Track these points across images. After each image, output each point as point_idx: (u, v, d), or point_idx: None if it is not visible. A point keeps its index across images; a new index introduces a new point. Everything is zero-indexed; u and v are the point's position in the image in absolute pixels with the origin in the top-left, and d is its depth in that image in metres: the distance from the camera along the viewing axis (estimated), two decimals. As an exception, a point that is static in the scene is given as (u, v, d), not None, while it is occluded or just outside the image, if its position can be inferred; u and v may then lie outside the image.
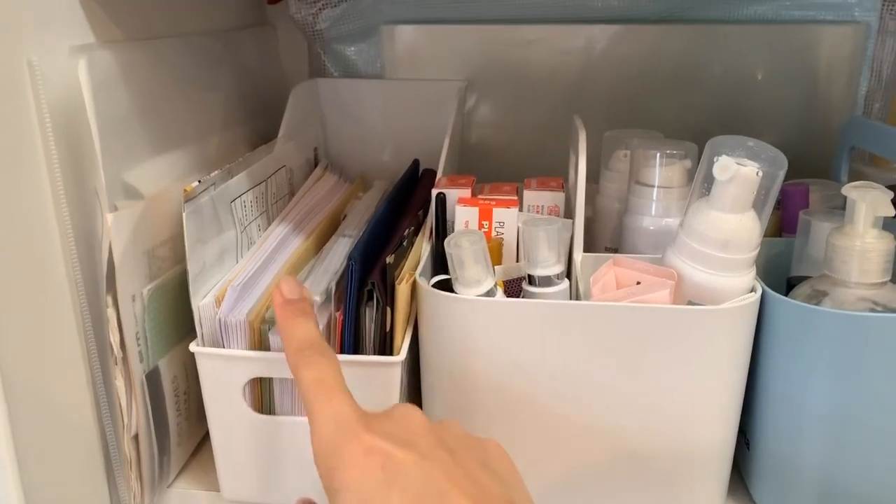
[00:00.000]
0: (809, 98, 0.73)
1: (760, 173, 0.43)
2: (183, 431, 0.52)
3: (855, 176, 0.64)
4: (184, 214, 0.44)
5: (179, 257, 0.50)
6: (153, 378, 0.48)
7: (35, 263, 0.42)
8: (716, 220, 0.44)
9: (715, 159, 0.43)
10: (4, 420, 0.40)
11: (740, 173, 0.43)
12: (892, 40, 0.71)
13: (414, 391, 0.52)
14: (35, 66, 0.40)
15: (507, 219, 0.52)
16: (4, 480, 0.40)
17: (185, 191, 0.45)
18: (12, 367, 0.40)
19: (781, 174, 0.43)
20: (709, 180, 0.44)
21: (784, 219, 0.57)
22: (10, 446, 0.40)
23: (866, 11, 0.71)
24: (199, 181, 0.46)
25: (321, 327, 0.46)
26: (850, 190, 0.44)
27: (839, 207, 0.58)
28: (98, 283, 0.45)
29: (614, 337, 0.44)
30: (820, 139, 0.72)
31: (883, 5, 0.70)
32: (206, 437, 0.56)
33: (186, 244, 0.45)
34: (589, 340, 0.44)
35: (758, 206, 0.44)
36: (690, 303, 0.45)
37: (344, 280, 0.46)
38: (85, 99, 0.42)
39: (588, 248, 0.51)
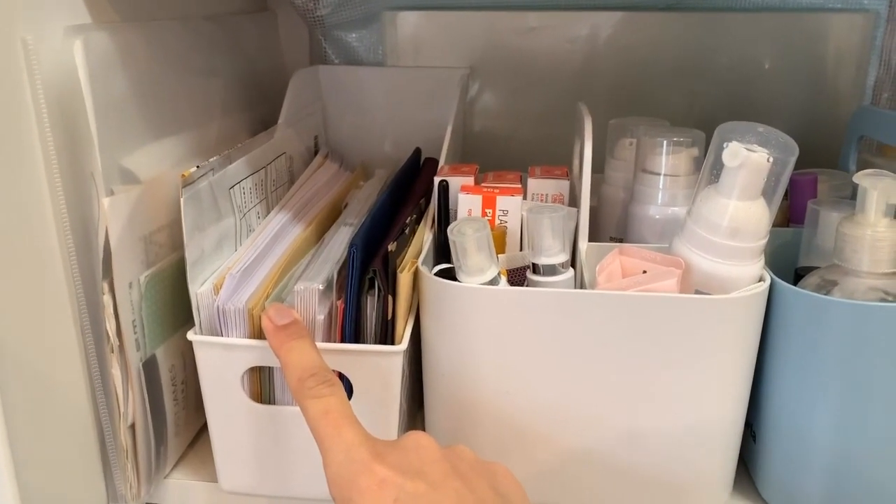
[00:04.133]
0: (817, 87, 0.72)
1: (771, 160, 0.42)
2: (181, 421, 0.52)
3: (863, 166, 0.63)
4: (181, 200, 0.43)
5: (177, 244, 0.49)
6: (150, 367, 0.47)
7: (30, 249, 0.41)
8: (724, 207, 0.43)
9: (724, 145, 0.42)
10: (-2, 408, 0.39)
11: (750, 159, 0.42)
12: (901, 29, 0.70)
13: (415, 381, 0.51)
14: (30, 45, 0.39)
15: (510, 207, 0.51)
16: (-2, 469, 0.39)
17: (183, 176, 0.44)
18: (6, 354, 0.39)
19: (792, 161, 0.43)
20: (718, 167, 0.43)
21: (792, 209, 0.57)
22: (4, 436, 0.39)
23: (875, 0, 0.70)
24: (198, 166, 0.45)
25: (322, 316, 0.45)
26: (862, 178, 0.43)
27: (847, 197, 0.58)
28: (94, 269, 0.44)
29: (620, 326, 0.43)
30: (828, 129, 0.71)
31: (892, -6, 0.69)
32: (204, 427, 0.55)
33: (184, 230, 0.44)
34: (594, 329, 0.43)
35: (768, 193, 0.43)
36: (698, 292, 0.44)
37: (345, 268, 0.45)
38: (81, 80, 0.41)
39: (593, 237, 0.50)
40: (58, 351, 0.44)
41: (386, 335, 0.46)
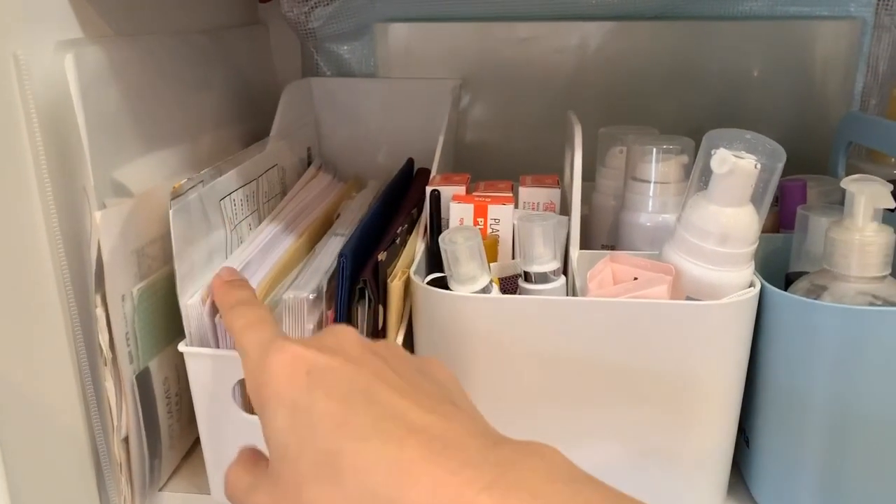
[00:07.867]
0: (805, 94, 0.73)
1: (758, 166, 0.42)
2: (175, 434, 0.52)
3: (852, 172, 0.63)
4: (170, 212, 0.43)
5: (169, 256, 0.49)
6: (144, 379, 0.47)
7: (21, 263, 0.41)
8: (714, 213, 0.43)
9: (712, 152, 0.43)
10: (-10, 422, 0.39)
11: (738, 166, 0.42)
12: (887, 36, 0.71)
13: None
14: (21, 60, 0.39)
15: (502, 216, 0.51)
16: (-10, 484, 0.39)
17: (173, 188, 0.44)
18: (-2, 368, 0.39)
19: (780, 167, 0.43)
20: (706, 174, 0.43)
21: (782, 215, 0.57)
22: (-4, 449, 0.39)
23: (862, 7, 0.71)
24: (187, 179, 0.45)
25: (311, 326, 0.45)
26: (850, 183, 0.44)
27: (837, 203, 0.58)
28: (87, 282, 0.44)
29: (612, 333, 0.43)
30: (816, 135, 0.72)
31: (878, 1, 0.70)
32: (198, 440, 0.55)
33: (174, 243, 0.44)
34: (586, 336, 0.43)
35: (756, 199, 0.43)
36: (689, 298, 0.44)
37: (335, 278, 0.45)
38: (72, 95, 0.41)
39: (584, 245, 0.51)
40: (50, 364, 0.44)
41: (378, 345, 0.46)
